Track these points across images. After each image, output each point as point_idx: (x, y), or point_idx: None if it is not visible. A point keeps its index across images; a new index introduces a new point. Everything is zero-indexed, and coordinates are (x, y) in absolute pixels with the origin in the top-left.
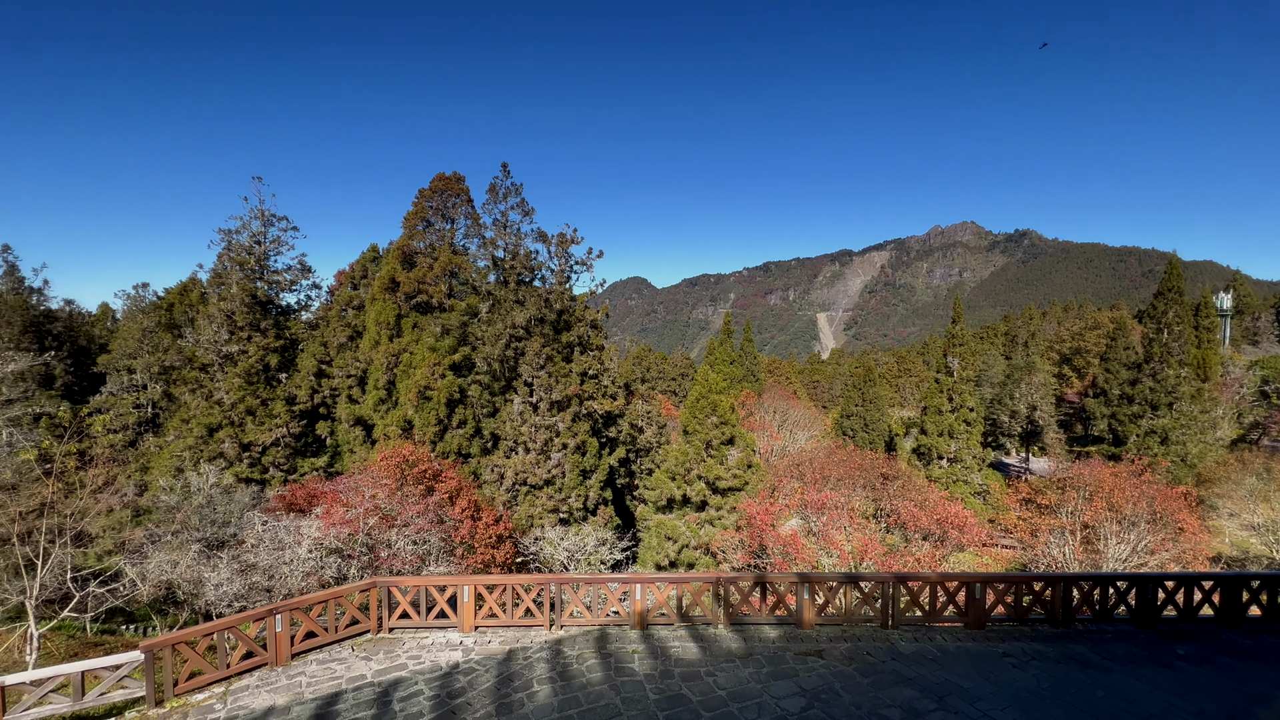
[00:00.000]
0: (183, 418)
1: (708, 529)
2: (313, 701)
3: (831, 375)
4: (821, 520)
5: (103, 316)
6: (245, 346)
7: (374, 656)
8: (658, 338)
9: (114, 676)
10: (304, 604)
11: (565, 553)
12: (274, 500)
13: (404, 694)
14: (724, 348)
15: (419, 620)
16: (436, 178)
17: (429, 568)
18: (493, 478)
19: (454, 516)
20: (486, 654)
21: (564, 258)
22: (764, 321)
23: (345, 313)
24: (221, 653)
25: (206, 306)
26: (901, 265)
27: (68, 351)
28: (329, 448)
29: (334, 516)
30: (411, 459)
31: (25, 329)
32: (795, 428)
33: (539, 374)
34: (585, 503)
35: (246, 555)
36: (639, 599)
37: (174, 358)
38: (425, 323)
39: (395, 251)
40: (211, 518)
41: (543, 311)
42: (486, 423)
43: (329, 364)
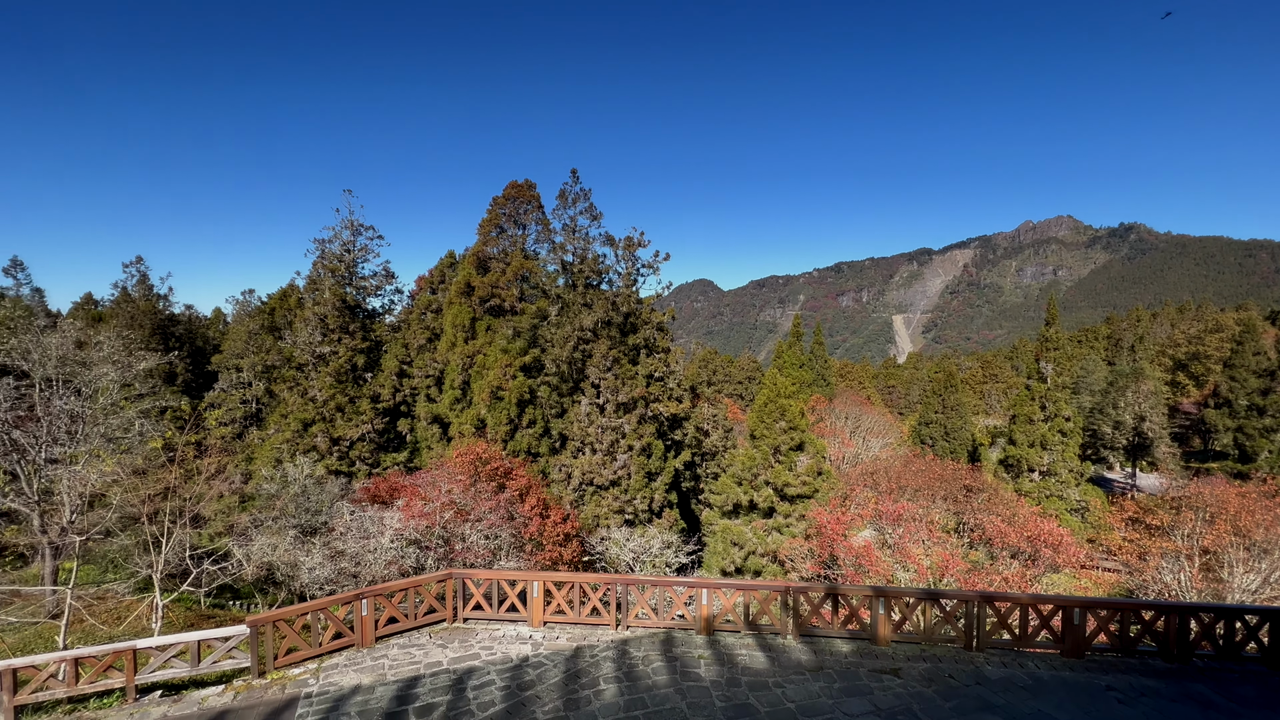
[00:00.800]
0: (281, 413)
1: (775, 536)
2: (394, 683)
3: (908, 380)
4: (897, 532)
5: (216, 320)
6: (335, 348)
7: (449, 644)
8: (724, 340)
9: (224, 647)
10: (387, 590)
11: (631, 554)
12: (360, 492)
13: (477, 682)
14: (793, 351)
15: (491, 612)
16: (509, 185)
17: (500, 562)
18: (560, 477)
19: (524, 513)
20: (554, 649)
21: (631, 261)
22: (835, 324)
23: (424, 316)
24: (315, 632)
25: (303, 310)
26: (987, 264)
27: (187, 351)
28: (409, 444)
29: (413, 509)
30: (484, 456)
31: (153, 331)
32: (869, 434)
33: (606, 376)
34: (650, 505)
35: (336, 542)
36: (705, 604)
37: (274, 358)
38: (498, 325)
39: (470, 257)
40: (306, 506)
41: (610, 314)
42: (555, 423)
43: (409, 364)
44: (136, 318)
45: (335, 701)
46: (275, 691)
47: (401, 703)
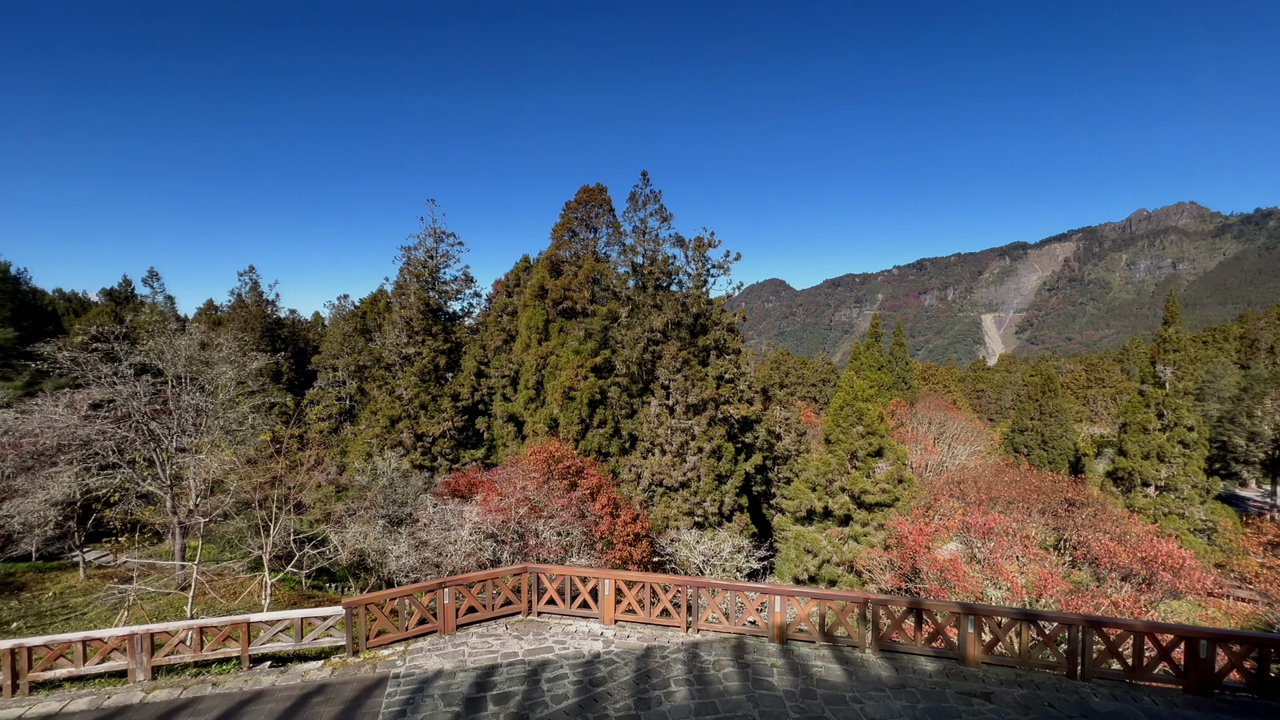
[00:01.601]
0: (372, 410)
1: (852, 545)
2: (474, 670)
3: (1000, 384)
4: (988, 547)
5: (315, 323)
6: (420, 349)
7: (524, 636)
8: (796, 341)
9: (323, 626)
10: (467, 581)
11: (701, 556)
12: (441, 486)
13: (551, 675)
14: (871, 352)
15: (564, 607)
16: (581, 190)
17: (571, 559)
18: (630, 477)
19: (594, 512)
20: (625, 648)
21: (701, 262)
22: (917, 324)
23: (501, 318)
24: (401, 616)
25: (390, 314)
26: (1092, 257)
27: (291, 352)
28: (486, 441)
29: (490, 504)
30: (557, 455)
31: (263, 333)
32: (954, 441)
33: (675, 377)
34: (720, 508)
35: (420, 533)
36: (778, 611)
37: (365, 358)
38: (570, 327)
39: (544, 261)
40: (393, 498)
41: (679, 315)
42: (625, 423)
43: (487, 365)
44: (249, 321)
45: (421, 683)
46: (367, 670)
47: (480, 689)
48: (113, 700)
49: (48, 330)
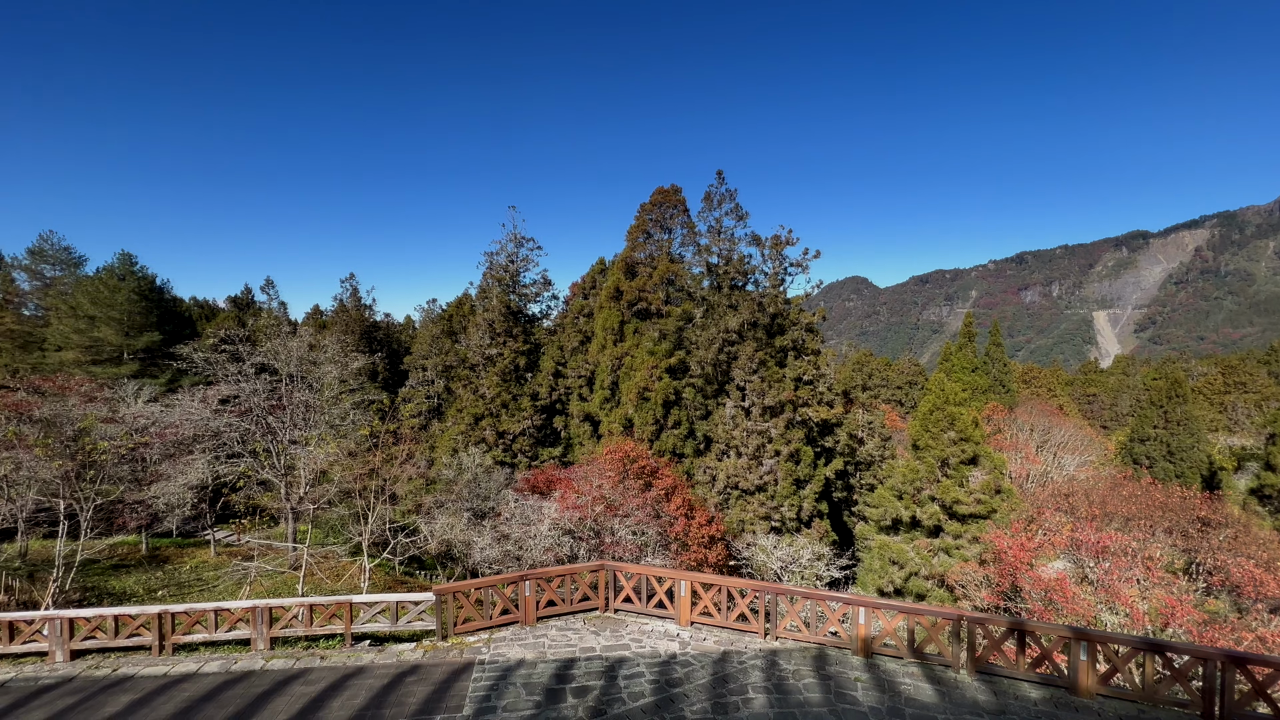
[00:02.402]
0: (457, 408)
1: (942, 558)
2: (553, 662)
3: (1115, 388)
4: (1102, 567)
5: (406, 326)
6: (501, 350)
7: (601, 632)
8: (880, 342)
9: (416, 610)
10: (547, 575)
11: (778, 562)
12: (521, 482)
13: (627, 672)
14: (963, 353)
15: (640, 606)
16: (656, 191)
17: (647, 558)
18: (705, 479)
19: (669, 512)
20: (701, 650)
21: (778, 260)
22: (1016, 322)
23: (577, 320)
24: (486, 606)
25: (474, 316)
26: (1230, 245)
27: (386, 353)
28: (563, 439)
29: (568, 501)
30: (632, 455)
31: (361, 335)
32: (1061, 450)
33: (751, 378)
34: (799, 513)
35: (502, 526)
36: (862, 623)
37: (452, 358)
38: (645, 328)
39: (619, 263)
40: (477, 492)
41: (755, 315)
42: (700, 425)
43: (564, 365)
44: (350, 325)
45: (504, 671)
46: (455, 654)
47: (560, 681)
48: (239, 665)
49: (185, 334)
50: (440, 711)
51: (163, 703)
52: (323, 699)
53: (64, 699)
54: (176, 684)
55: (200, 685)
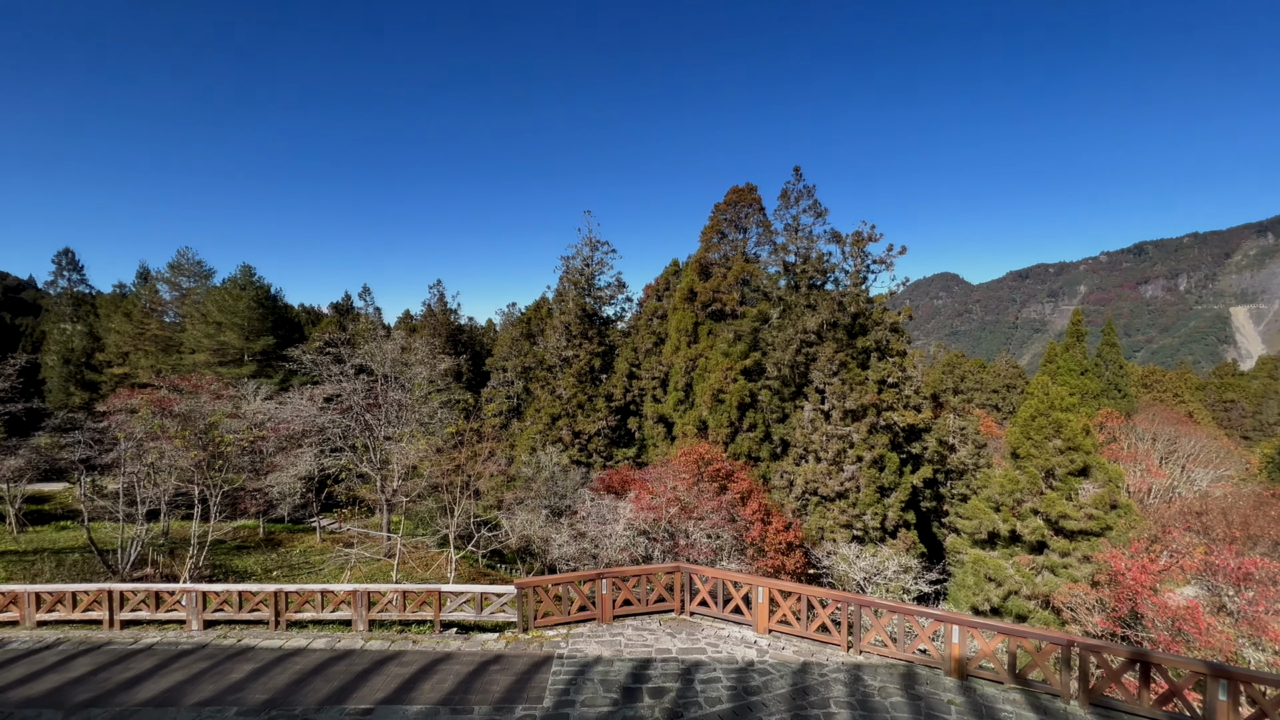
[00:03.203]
0: (535, 408)
1: (1047, 577)
2: (630, 661)
3: (1260, 393)
4: (1245, 596)
5: (488, 329)
6: (577, 352)
7: (677, 634)
8: (972, 342)
9: (498, 602)
10: (623, 574)
11: (861, 573)
12: (596, 481)
13: (704, 677)
14: (1071, 354)
15: (716, 610)
16: (731, 191)
17: (722, 562)
18: (782, 484)
19: (745, 517)
20: (780, 659)
21: (859, 257)
22: (1134, 320)
23: (651, 322)
24: (564, 602)
25: (551, 319)
26: None
27: (469, 355)
28: (637, 440)
29: (642, 502)
30: (706, 457)
31: (448, 338)
32: (1190, 462)
33: (831, 381)
34: (883, 522)
35: (579, 525)
36: (956, 642)
37: (530, 360)
38: (719, 329)
39: (693, 264)
40: (554, 490)
41: (835, 315)
42: (776, 428)
43: (638, 367)
44: (437, 328)
45: (582, 666)
46: (535, 647)
47: (636, 680)
48: (342, 644)
49: (295, 338)
50: (522, 702)
51: (279, 673)
52: (415, 681)
53: (198, 664)
54: (290, 657)
55: (309, 660)
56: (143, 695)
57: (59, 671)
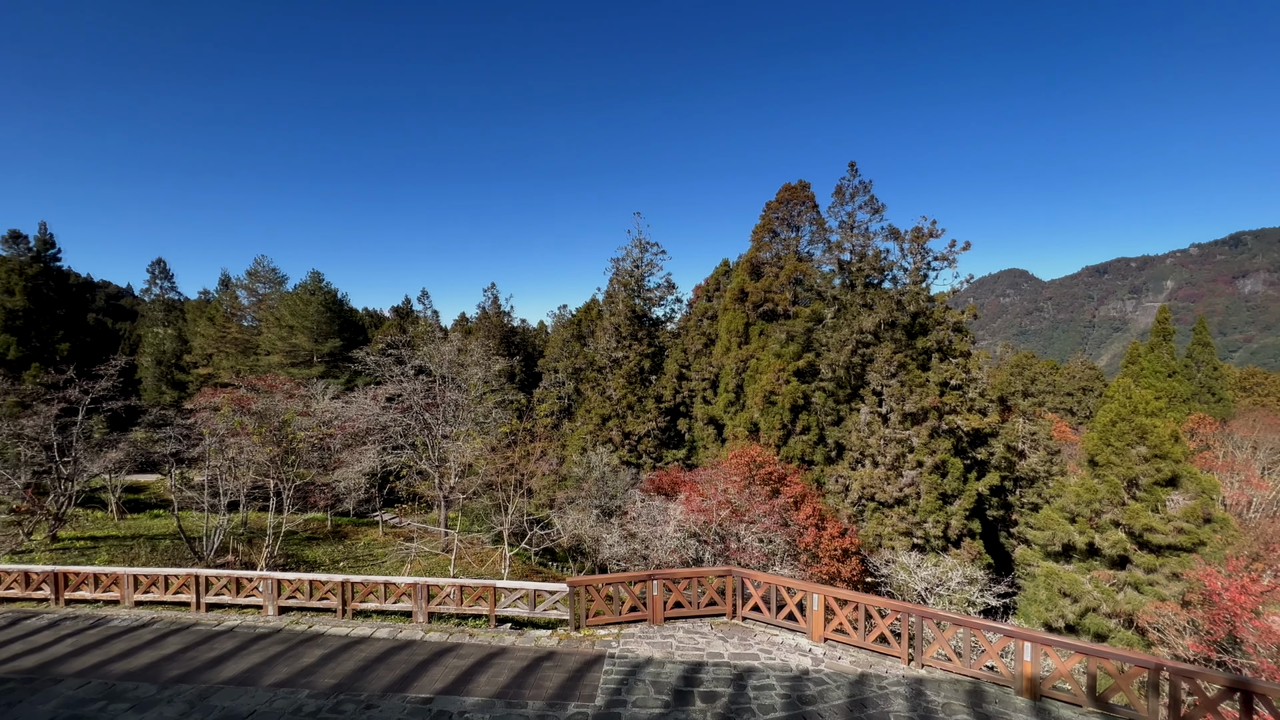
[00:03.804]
0: (586, 409)
1: (1130, 594)
2: (681, 663)
3: None
4: None
5: (540, 330)
6: (626, 353)
7: (729, 639)
8: (1043, 342)
9: (551, 599)
10: (674, 576)
11: (922, 583)
12: (646, 482)
13: (757, 683)
14: (1157, 354)
15: (769, 616)
16: (783, 188)
17: (774, 567)
18: (837, 489)
19: (798, 522)
20: (836, 669)
21: (919, 254)
22: (1230, 318)
23: (701, 323)
24: (615, 601)
25: (601, 321)
26: None
27: (522, 356)
28: (686, 442)
29: (692, 504)
30: (758, 460)
31: (501, 340)
32: None
33: (889, 383)
34: (945, 531)
35: (629, 525)
36: (1028, 660)
37: (581, 361)
38: (771, 330)
39: (744, 264)
40: (604, 490)
41: (893, 315)
42: (830, 431)
43: (688, 368)
44: (491, 330)
45: (633, 667)
46: (586, 645)
47: (688, 684)
48: (403, 634)
49: (359, 340)
50: (574, 699)
51: (345, 659)
52: (471, 673)
53: (274, 647)
54: (355, 644)
55: (374, 648)
56: (225, 674)
57: (153, 648)
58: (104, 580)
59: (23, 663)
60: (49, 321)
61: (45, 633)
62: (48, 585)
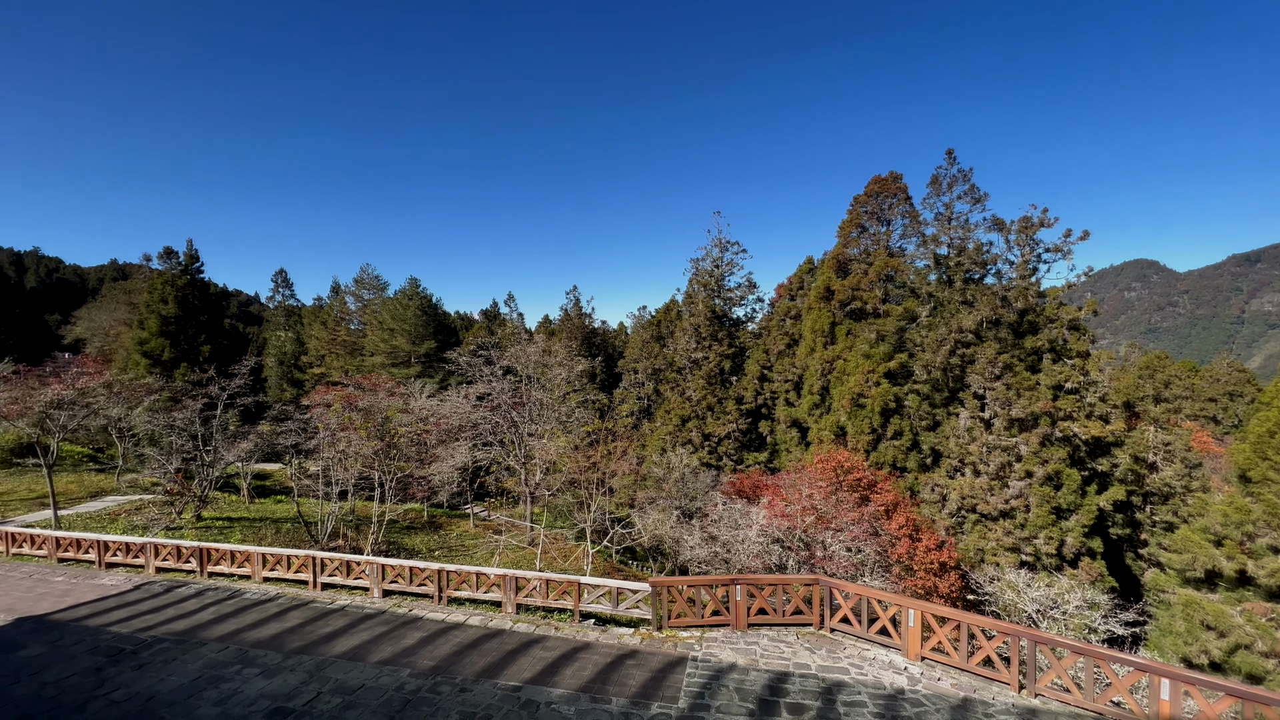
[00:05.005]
0: (665, 409)
1: None
2: (765, 672)
3: None
4: None
5: (620, 331)
6: (706, 354)
7: (816, 650)
8: (1178, 340)
9: (633, 598)
10: (758, 582)
11: (1034, 604)
12: (726, 485)
13: (847, 699)
14: None
15: (859, 629)
16: (872, 180)
17: (863, 578)
18: (933, 498)
19: (890, 531)
20: (936, 691)
21: (1028, 246)
22: None
23: (784, 322)
24: (697, 604)
25: (680, 321)
26: None
27: (602, 357)
28: (768, 445)
29: (775, 509)
30: (845, 465)
31: (582, 341)
32: None
33: (993, 385)
34: (1060, 548)
35: (710, 527)
36: (1165, 698)
37: (660, 362)
38: (859, 329)
39: (830, 261)
40: (685, 491)
41: (998, 312)
42: (925, 436)
43: (770, 369)
44: (573, 332)
45: (716, 671)
46: (669, 647)
47: (773, 694)
48: (493, 623)
49: (451, 342)
50: (657, 699)
51: (442, 643)
52: (557, 666)
53: (378, 627)
54: (450, 630)
55: (467, 634)
56: (338, 649)
57: (278, 621)
58: (238, 557)
59: (175, 626)
60: (194, 327)
61: (192, 600)
62: (194, 559)
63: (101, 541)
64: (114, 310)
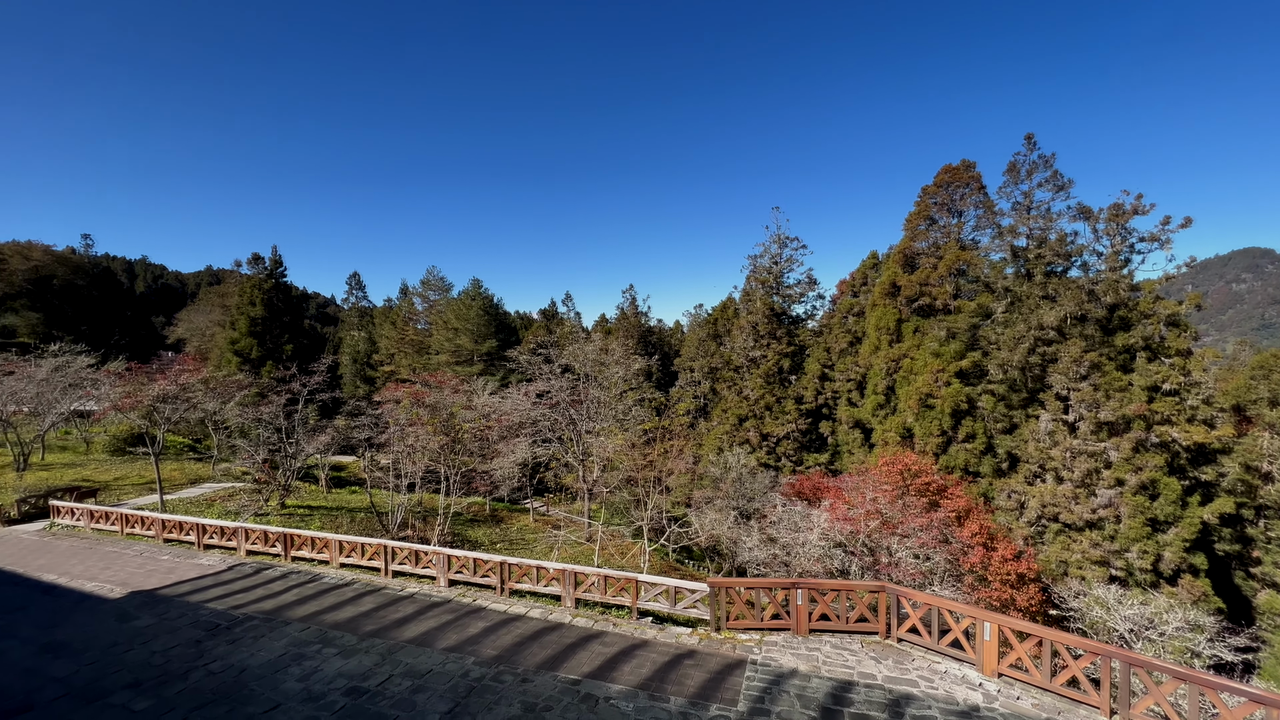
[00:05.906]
0: (722, 408)
1: None
2: (828, 680)
3: None
4: None
5: (676, 330)
6: (765, 352)
7: (883, 660)
8: None
9: (691, 597)
10: (820, 587)
11: (1126, 623)
12: (785, 486)
13: (916, 713)
14: None
15: (929, 640)
16: (942, 170)
17: (932, 587)
18: (1009, 505)
19: (962, 539)
20: (1014, 710)
21: (1119, 235)
22: None
23: (846, 320)
24: (756, 607)
25: (738, 320)
26: None
27: (658, 355)
28: (829, 446)
29: (838, 512)
30: (913, 469)
31: (638, 340)
32: None
33: (1078, 386)
34: (1156, 564)
35: (769, 529)
36: None
37: (717, 361)
38: (927, 327)
39: (896, 255)
40: (742, 492)
41: (1083, 307)
42: (1001, 439)
43: (831, 368)
44: (629, 331)
45: (777, 677)
46: (728, 648)
47: (837, 703)
48: (553, 616)
49: (512, 341)
50: (715, 701)
51: (504, 634)
52: (615, 661)
53: (444, 615)
54: (512, 621)
55: (527, 626)
56: (408, 634)
57: (354, 605)
58: (318, 543)
59: (264, 605)
60: (278, 327)
61: (278, 582)
62: (280, 544)
63: (200, 525)
64: (209, 312)
